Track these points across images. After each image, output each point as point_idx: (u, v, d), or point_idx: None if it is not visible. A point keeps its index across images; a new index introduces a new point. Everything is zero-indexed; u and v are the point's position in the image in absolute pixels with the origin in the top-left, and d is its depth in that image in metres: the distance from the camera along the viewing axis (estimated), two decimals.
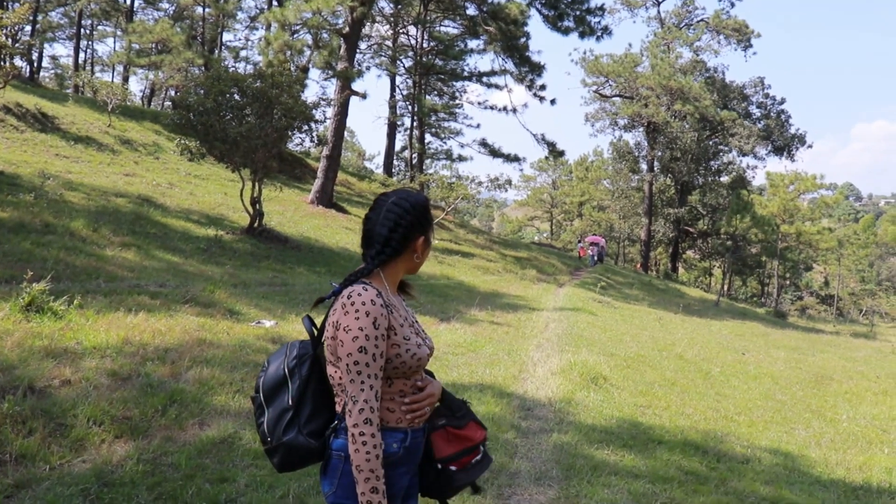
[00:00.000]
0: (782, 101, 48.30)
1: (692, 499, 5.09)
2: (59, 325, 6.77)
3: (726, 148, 47.99)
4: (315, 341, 2.34)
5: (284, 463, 2.30)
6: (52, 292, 7.34)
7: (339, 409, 2.27)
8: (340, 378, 2.22)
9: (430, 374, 2.52)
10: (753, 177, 51.98)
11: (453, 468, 2.39)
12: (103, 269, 10.17)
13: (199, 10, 38.74)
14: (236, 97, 16.12)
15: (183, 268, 12.09)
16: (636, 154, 50.52)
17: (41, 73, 42.23)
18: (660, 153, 46.96)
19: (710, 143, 47.48)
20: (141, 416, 5.14)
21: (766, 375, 12.23)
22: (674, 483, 5.32)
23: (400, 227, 2.34)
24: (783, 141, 46.95)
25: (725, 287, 47.89)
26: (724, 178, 49.79)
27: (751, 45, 45.45)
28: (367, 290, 2.23)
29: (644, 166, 49.22)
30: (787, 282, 57.12)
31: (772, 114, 47.92)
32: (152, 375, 5.99)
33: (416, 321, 2.48)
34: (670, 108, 42.52)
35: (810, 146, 48.87)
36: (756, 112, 48.47)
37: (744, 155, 47.50)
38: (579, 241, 46.64)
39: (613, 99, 48.61)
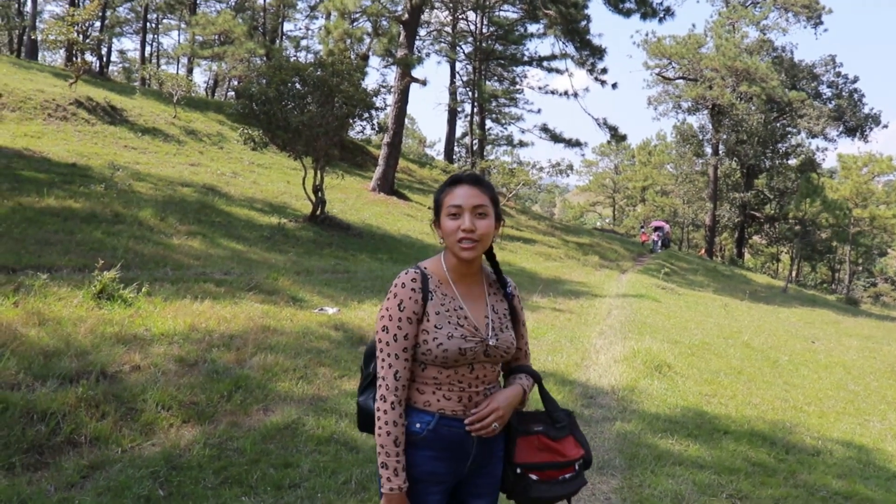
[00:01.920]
0: (855, 80, 46.48)
1: (759, 491, 4.96)
2: (129, 312, 6.97)
3: (795, 130, 46.53)
4: None
5: (360, 422, 2.44)
6: (121, 280, 7.56)
7: None
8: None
9: (535, 376, 2.47)
10: (823, 159, 50.62)
11: (534, 477, 2.34)
12: (170, 257, 10.43)
13: (261, 0, 39.30)
14: (297, 86, 16.31)
15: (247, 255, 12.32)
16: (700, 137, 49.49)
17: (110, 68, 43.51)
18: (725, 136, 45.84)
19: (778, 125, 46.11)
20: (207, 401, 5.25)
21: (837, 365, 11.85)
22: (740, 474, 5.19)
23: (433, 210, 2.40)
24: (856, 121, 45.20)
25: (794, 273, 46.51)
26: (793, 161, 48.31)
27: (821, 22, 43.77)
28: (408, 272, 2.28)
29: (709, 150, 48.19)
30: (860, 268, 55.19)
31: (843, 93, 46.15)
32: (218, 362, 6.12)
33: (501, 316, 2.39)
34: (736, 90, 41.38)
35: (885, 126, 46.95)
36: (827, 92, 46.79)
37: (813, 137, 45.97)
38: (642, 227, 45.96)
39: (677, 81, 47.62)
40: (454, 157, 43.93)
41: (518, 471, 2.34)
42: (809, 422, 7.31)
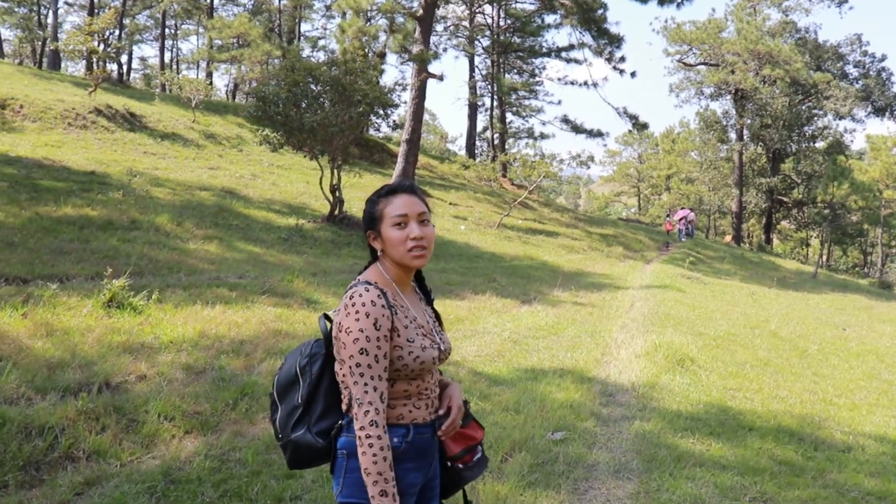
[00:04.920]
0: (883, 59, 45.33)
1: (786, 493, 4.72)
2: (138, 321, 6.90)
3: (821, 112, 45.55)
4: (329, 341, 2.27)
5: (293, 460, 2.33)
6: (133, 287, 7.50)
7: (344, 406, 2.24)
8: (343, 376, 2.20)
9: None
10: (852, 141, 49.24)
11: (460, 466, 2.41)
12: (185, 262, 10.37)
13: (276, 2, 39.34)
14: (312, 86, 16.21)
15: (263, 258, 12.25)
16: (724, 123, 48.70)
17: (131, 75, 43.88)
18: (749, 121, 45.06)
19: (804, 107, 45.21)
20: (212, 410, 5.14)
21: (869, 353, 11.48)
22: (765, 475, 4.95)
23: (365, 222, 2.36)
24: (884, 101, 44.13)
25: (824, 258, 45.63)
26: (820, 144, 47.33)
27: (846, 1, 42.82)
28: (368, 290, 2.17)
29: (733, 135, 47.42)
30: (894, 250, 54.01)
31: (871, 73, 45.06)
32: (226, 369, 6.02)
33: (434, 321, 2.41)
34: (759, 74, 40.63)
35: None
36: (853, 72, 45.74)
37: (840, 118, 44.95)
38: (667, 216, 45.43)
39: (698, 67, 46.89)
40: (475, 151, 43.71)
41: (449, 465, 2.40)
42: (840, 415, 7.03)
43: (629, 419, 6.05)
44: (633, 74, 30.43)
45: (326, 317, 2.32)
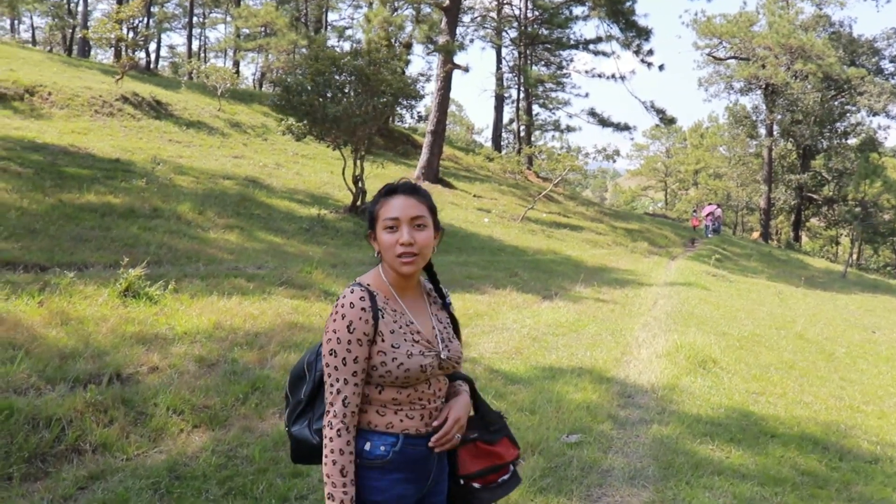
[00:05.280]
0: None
1: None
2: (154, 311, 6.86)
3: (854, 108, 44.74)
4: None
5: (294, 453, 2.28)
6: (150, 277, 7.47)
7: None
8: None
9: (468, 380, 2.36)
10: (885, 138, 48.46)
11: (476, 485, 2.27)
12: (204, 251, 10.35)
13: None
14: (336, 76, 16.14)
15: (283, 248, 12.22)
16: (754, 118, 48.10)
17: (160, 63, 44.18)
18: (779, 116, 44.39)
19: (836, 103, 44.44)
20: (221, 404, 5.07)
21: None
22: (787, 486, 4.77)
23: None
24: None
25: (854, 257, 44.83)
26: (852, 141, 46.50)
27: None
28: (353, 291, 2.11)
29: (762, 131, 46.80)
30: None
31: None
32: (238, 361, 5.95)
33: (446, 327, 2.29)
34: (790, 68, 39.98)
35: None
36: (889, 67, 44.85)
37: (874, 114, 44.08)
38: (693, 212, 44.93)
39: (728, 61, 46.30)
40: (501, 143, 43.48)
41: (461, 482, 2.27)
42: (867, 423, 6.81)
43: (647, 422, 5.90)
44: (661, 68, 30.09)
45: None
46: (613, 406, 6.30)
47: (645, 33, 28.46)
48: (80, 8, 38.51)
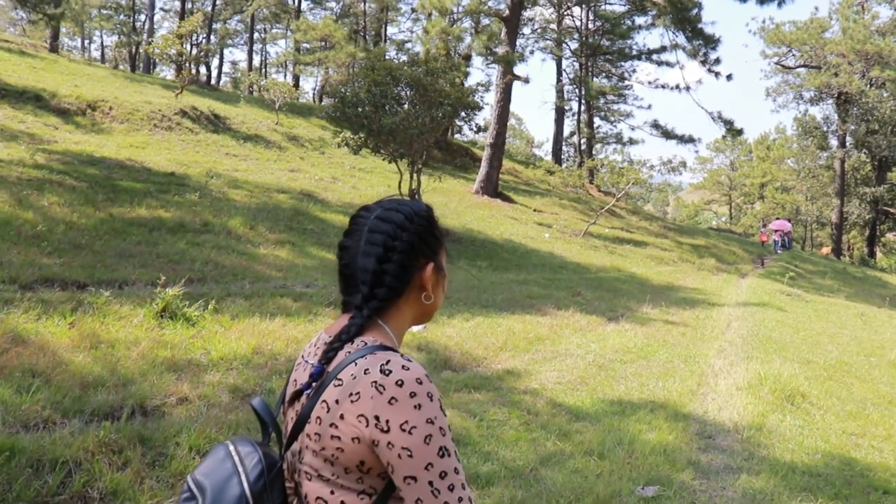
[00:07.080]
0: None
1: None
2: (190, 333, 6.41)
3: None
4: (286, 442, 1.49)
5: None
6: (190, 296, 7.05)
7: None
8: None
9: None
10: None
11: None
12: (252, 268, 9.94)
13: (363, 5, 39.36)
14: (392, 87, 15.71)
15: (335, 265, 11.73)
16: (825, 129, 46.26)
17: (222, 78, 44.76)
18: (853, 127, 42.47)
19: None
20: None
21: None
22: None
23: (394, 252, 1.48)
24: None
25: None
26: None
27: None
28: (414, 364, 1.36)
29: (834, 142, 44.91)
30: None
31: None
32: (276, 392, 5.43)
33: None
34: (865, 76, 38.20)
35: None
36: None
37: None
38: (762, 226, 43.30)
39: (798, 70, 44.55)
40: (562, 156, 42.65)
41: None
42: None
43: (734, 471, 5.13)
44: (728, 77, 28.92)
45: (264, 403, 1.54)
46: (693, 449, 5.56)
47: (712, 42, 27.38)
48: (146, 25, 39.26)
